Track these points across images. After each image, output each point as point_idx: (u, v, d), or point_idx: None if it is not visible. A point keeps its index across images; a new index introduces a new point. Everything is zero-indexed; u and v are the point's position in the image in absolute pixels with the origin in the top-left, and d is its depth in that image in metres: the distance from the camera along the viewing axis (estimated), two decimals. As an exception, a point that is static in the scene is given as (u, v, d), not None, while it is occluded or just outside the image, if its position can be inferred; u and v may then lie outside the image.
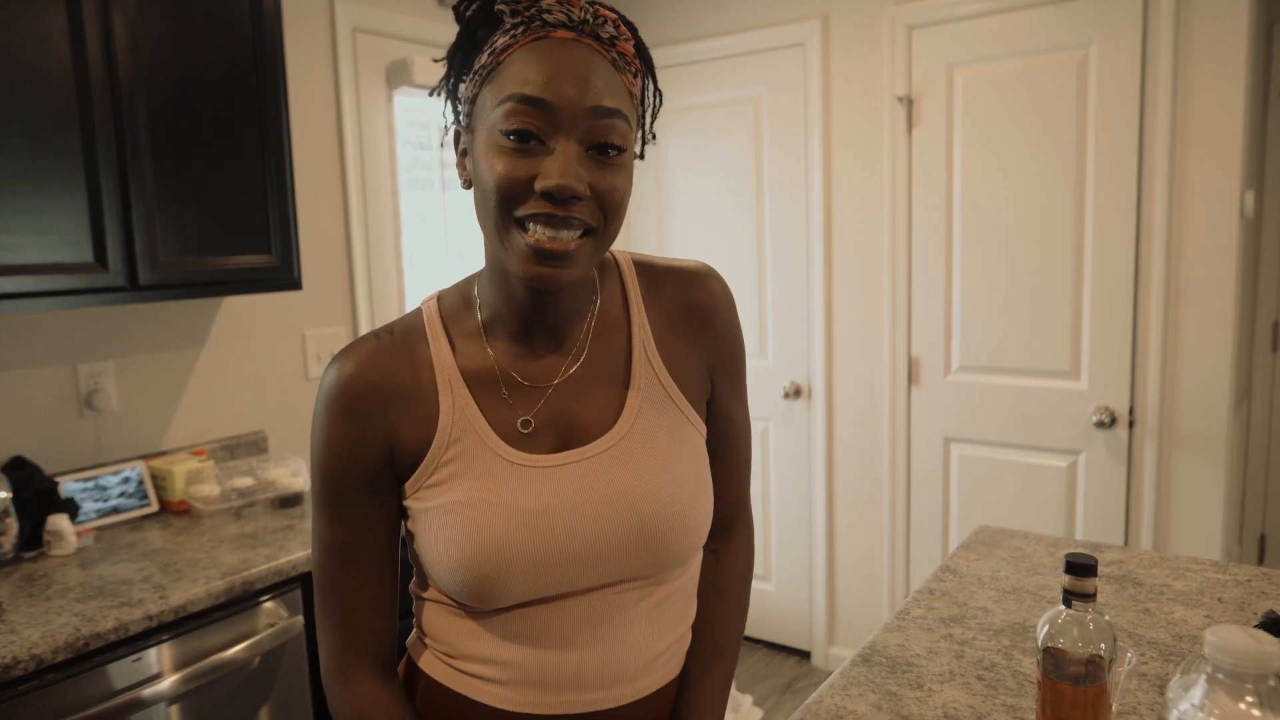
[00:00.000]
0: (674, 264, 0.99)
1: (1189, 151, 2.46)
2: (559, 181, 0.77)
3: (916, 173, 2.91)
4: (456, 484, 0.87)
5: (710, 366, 0.98)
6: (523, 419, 0.90)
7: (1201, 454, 2.52)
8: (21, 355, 2.00)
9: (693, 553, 0.94)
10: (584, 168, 0.79)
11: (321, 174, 2.60)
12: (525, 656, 0.89)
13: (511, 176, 0.79)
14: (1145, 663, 1.23)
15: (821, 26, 3.00)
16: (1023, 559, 1.64)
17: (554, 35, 0.80)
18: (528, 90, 0.78)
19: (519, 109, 0.78)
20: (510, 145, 0.79)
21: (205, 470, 2.17)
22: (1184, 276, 2.50)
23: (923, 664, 1.25)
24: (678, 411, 0.94)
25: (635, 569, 0.89)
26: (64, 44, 1.72)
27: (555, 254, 0.80)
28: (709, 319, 0.97)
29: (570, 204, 0.79)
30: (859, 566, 3.21)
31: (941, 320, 2.92)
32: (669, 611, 0.95)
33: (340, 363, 0.89)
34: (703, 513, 0.93)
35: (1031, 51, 2.66)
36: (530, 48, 0.79)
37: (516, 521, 0.85)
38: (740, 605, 1.06)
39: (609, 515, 0.87)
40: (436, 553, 0.87)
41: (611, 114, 0.80)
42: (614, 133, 0.80)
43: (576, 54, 0.79)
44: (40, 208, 1.70)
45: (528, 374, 0.91)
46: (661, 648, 0.95)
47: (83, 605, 1.59)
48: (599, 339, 0.93)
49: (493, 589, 0.85)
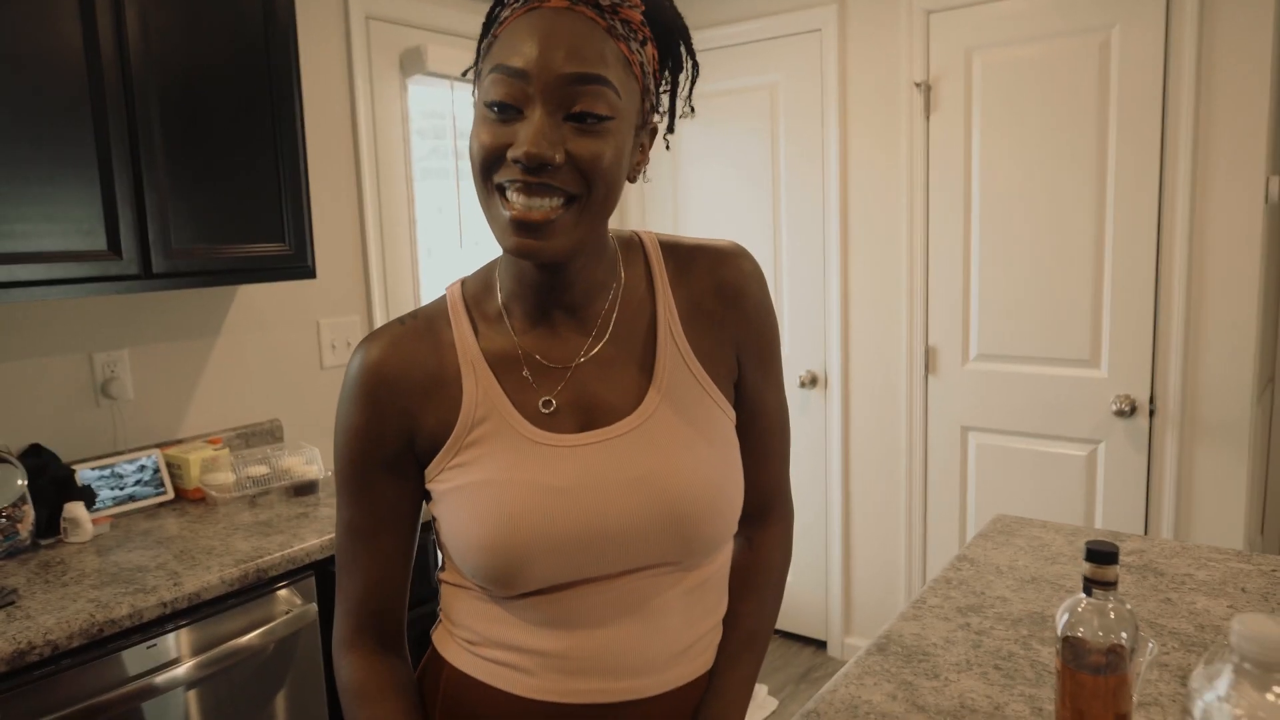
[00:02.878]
0: (703, 243, 0.97)
1: (1213, 136, 2.41)
2: (526, 149, 0.76)
3: (934, 159, 2.87)
4: (480, 464, 0.87)
5: (739, 348, 0.96)
6: (544, 399, 0.89)
7: (1224, 443, 2.49)
8: (38, 344, 2.00)
9: (724, 538, 0.92)
10: (562, 135, 0.78)
11: (335, 162, 2.60)
12: (553, 643, 0.88)
13: (489, 144, 0.79)
14: (1167, 653, 1.21)
15: (839, 12, 2.97)
16: (1041, 548, 1.62)
17: (548, 5, 0.79)
18: (507, 59, 0.78)
19: (500, 79, 0.78)
20: (493, 115, 0.79)
21: (220, 458, 2.17)
22: (1207, 263, 2.46)
23: (939, 653, 1.24)
24: (703, 393, 0.92)
25: (665, 553, 0.88)
26: (76, 32, 1.72)
27: (533, 224, 0.79)
28: (738, 299, 0.95)
29: (541, 171, 0.78)
30: (875, 556, 3.19)
31: (959, 308, 2.89)
32: (702, 600, 0.93)
33: (365, 348, 0.90)
34: (732, 496, 0.91)
35: (1051, 35, 2.62)
36: (523, 18, 0.79)
37: (539, 499, 0.84)
38: (773, 597, 1.03)
39: (635, 497, 0.86)
40: (460, 533, 0.86)
41: (593, 80, 0.78)
42: (598, 100, 0.78)
43: (566, 22, 0.78)
44: (54, 196, 1.70)
45: (549, 354, 0.90)
46: (693, 638, 0.93)
47: (98, 592, 1.60)
48: (623, 319, 0.92)
49: (515, 570, 0.84)
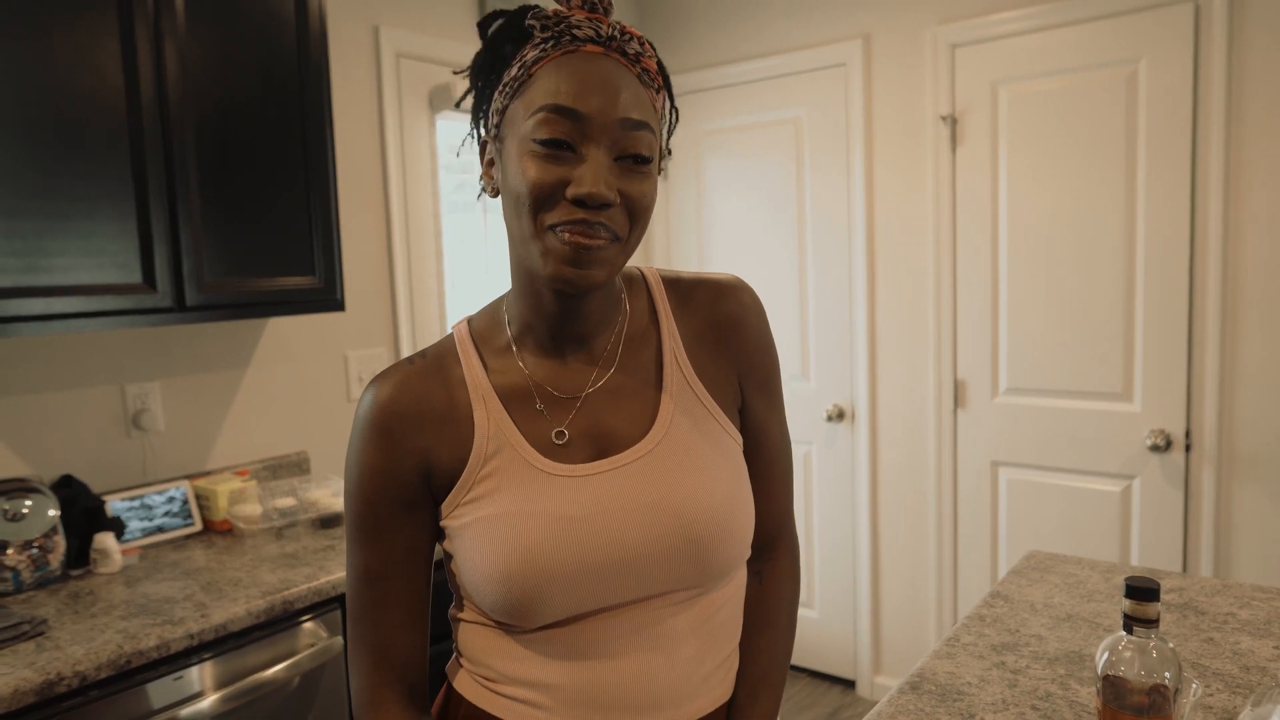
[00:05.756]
0: (703, 277, 1.00)
1: (1245, 169, 2.39)
2: (591, 189, 0.79)
3: (961, 192, 2.86)
4: (494, 498, 0.87)
5: (741, 376, 0.98)
6: (556, 430, 0.89)
7: (1264, 478, 2.43)
8: (72, 376, 2.03)
9: (738, 560, 0.92)
10: (614, 175, 0.82)
11: (364, 197, 2.63)
12: (569, 677, 0.87)
13: (543, 181, 0.81)
14: (1211, 694, 1.17)
15: (863, 46, 2.99)
16: (1076, 585, 1.59)
17: (584, 50, 0.83)
18: (560, 100, 0.80)
19: (551, 118, 0.80)
20: (543, 152, 0.81)
21: (248, 490, 2.18)
22: (1241, 295, 2.42)
23: (974, 693, 1.21)
24: (711, 418, 0.93)
25: (680, 578, 0.88)
26: (117, 71, 1.76)
27: (585, 249, 0.81)
28: (737, 329, 0.97)
29: (601, 210, 0.81)
30: (905, 593, 3.14)
31: (988, 341, 2.86)
32: (718, 627, 0.93)
33: (375, 388, 0.90)
34: (744, 519, 0.91)
35: (1078, 69, 2.62)
36: (561, 61, 0.82)
37: (555, 530, 0.84)
38: (787, 630, 1.03)
39: (649, 522, 0.86)
40: (476, 568, 0.86)
41: (639, 125, 0.82)
42: (641, 143, 0.83)
43: (606, 67, 0.82)
44: (92, 230, 1.73)
45: (559, 385, 0.91)
46: (710, 667, 0.92)
47: (126, 623, 1.60)
48: (629, 350, 0.94)
49: (534, 602, 0.84)
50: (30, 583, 1.79)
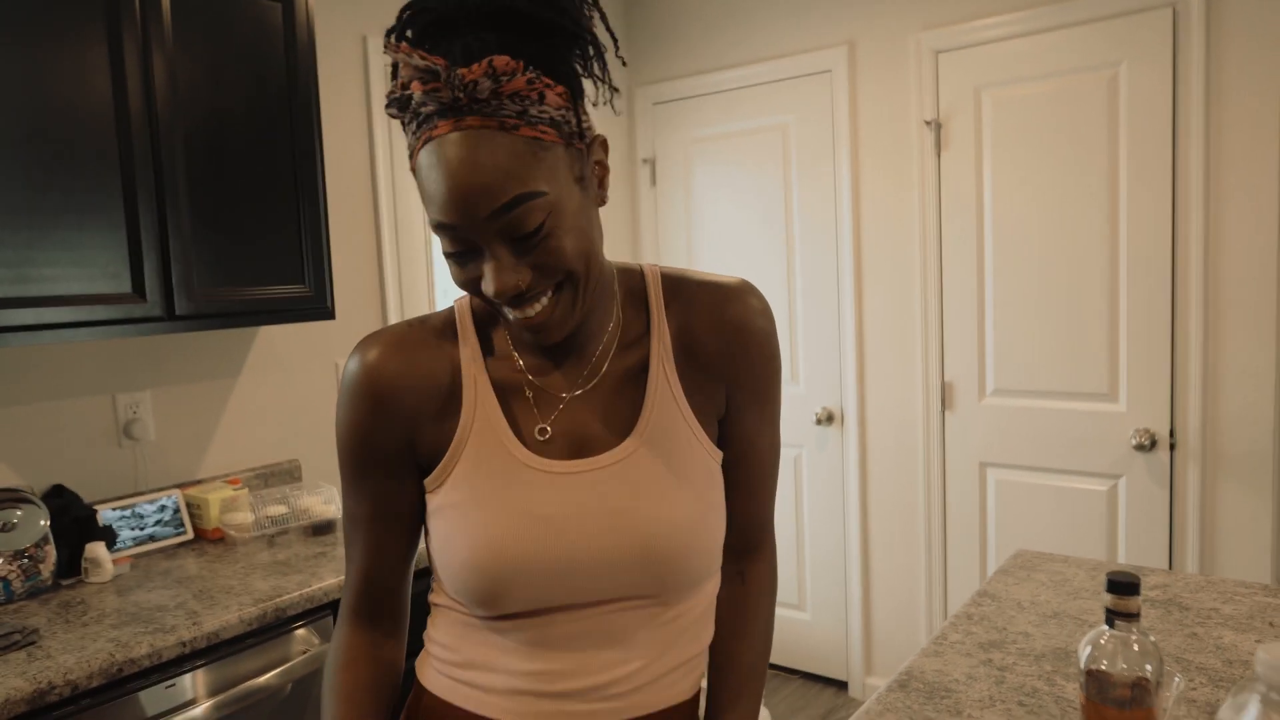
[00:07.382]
0: (710, 279, 0.97)
1: (1224, 169, 2.42)
2: (495, 290, 0.79)
3: (946, 196, 2.89)
4: (470, 482, 0.88)
5: (735, 385, 0.95)
6: (540, 426, 0.91)
7: (1247, 476, 2.46)
8: (63, 386, 2.03)
9: (701, 576, 0.91)
10: (518, 256, 0.79)
11: (354, 205, 2.64)
12: (530, 664, 0.89)
13: (463, 280, 0.82)
14: (1194, 689, 1.19)
15: (848, 53, 3.01)
16: (1063, 583, 1.61)
17: (436, 132, 0.76)
18: (435, 216, 0.78)
19: (439, 232, 0.80)
20: (451, 254, 0.81)
21: (239, 498, 2.18)
22: (1223, 295, 2.45)
23: (962, 690, 1.22)
24: (689, 433, 0.92)
25: (638, 588, 0.88)
26: (105, 83, 1.77)
27: (534, 325, 0.83)
28: (743, 335, 0.94)
29: (520, 298, 0.81)
30: (895, 594, 3.16)
31: (975, 344, 2.89)
32: (681, 631, 0.93)
33: (367, 347, 0.90)
34: (710, 537, 0.91)
35: (1060, 73, 2.65)
36: (425, 153, 0.78)
37: (524, 526, 0.86)
38: (766, 631, 1.05)
39: (610, 529, 0.87)
40: (448, 549, 0.88)
41: (514, 204, 0.76)
42: (526, 220, 0.77)
43: (463, 151, 0.75)
44: (81, 240, 1.74)
45: (549, 382, 0.92)
46: (670, 667, 0.93)
47: (118, 631, 1.60)
48: (620, 353, 0.93)
49: (499, 592, 0.86)
50: (21, 592, 1.79)
